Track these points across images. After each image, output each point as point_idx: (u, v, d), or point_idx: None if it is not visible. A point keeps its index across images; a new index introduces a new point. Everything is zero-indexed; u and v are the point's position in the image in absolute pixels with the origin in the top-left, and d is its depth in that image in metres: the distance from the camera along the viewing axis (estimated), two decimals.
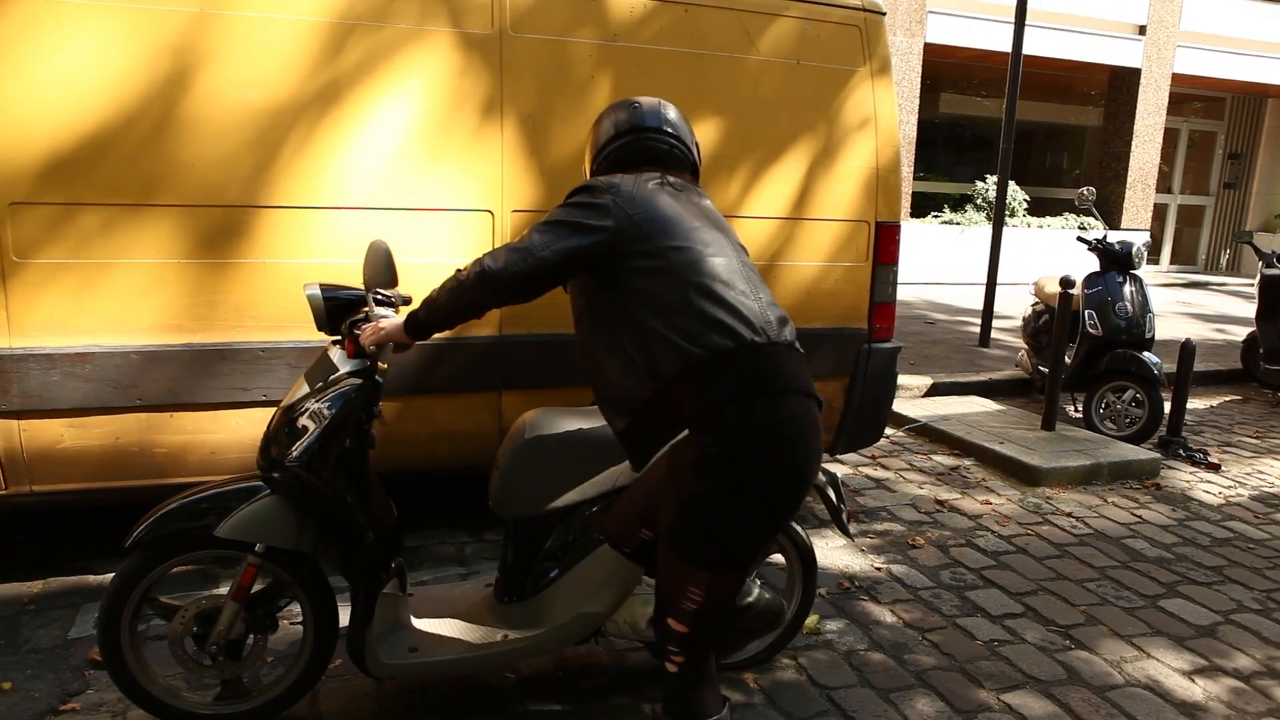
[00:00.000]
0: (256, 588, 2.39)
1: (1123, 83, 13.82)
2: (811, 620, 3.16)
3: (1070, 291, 5.32)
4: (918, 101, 12.08)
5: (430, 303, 2.03)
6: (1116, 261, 5.84)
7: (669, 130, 2.15)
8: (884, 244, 3.87)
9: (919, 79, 11.99)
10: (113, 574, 3.32)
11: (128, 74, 2.88)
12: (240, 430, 3.15)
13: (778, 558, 3.48)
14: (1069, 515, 4.36)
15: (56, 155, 2.85)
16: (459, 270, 2.00)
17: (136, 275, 2.97)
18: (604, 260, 1.94)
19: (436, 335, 2.23)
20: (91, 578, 3.31)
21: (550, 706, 2.64)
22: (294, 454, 2.23)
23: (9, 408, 2.90)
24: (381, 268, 2.20)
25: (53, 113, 2.83)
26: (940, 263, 12.51)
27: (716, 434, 1.83)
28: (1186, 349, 5.51)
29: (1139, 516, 4.39)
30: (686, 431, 1.88)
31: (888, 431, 5.67)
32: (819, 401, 1.97)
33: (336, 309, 2.34)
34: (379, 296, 2.36)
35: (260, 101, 3.01)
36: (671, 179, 2.09)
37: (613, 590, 2.49)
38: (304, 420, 2.25)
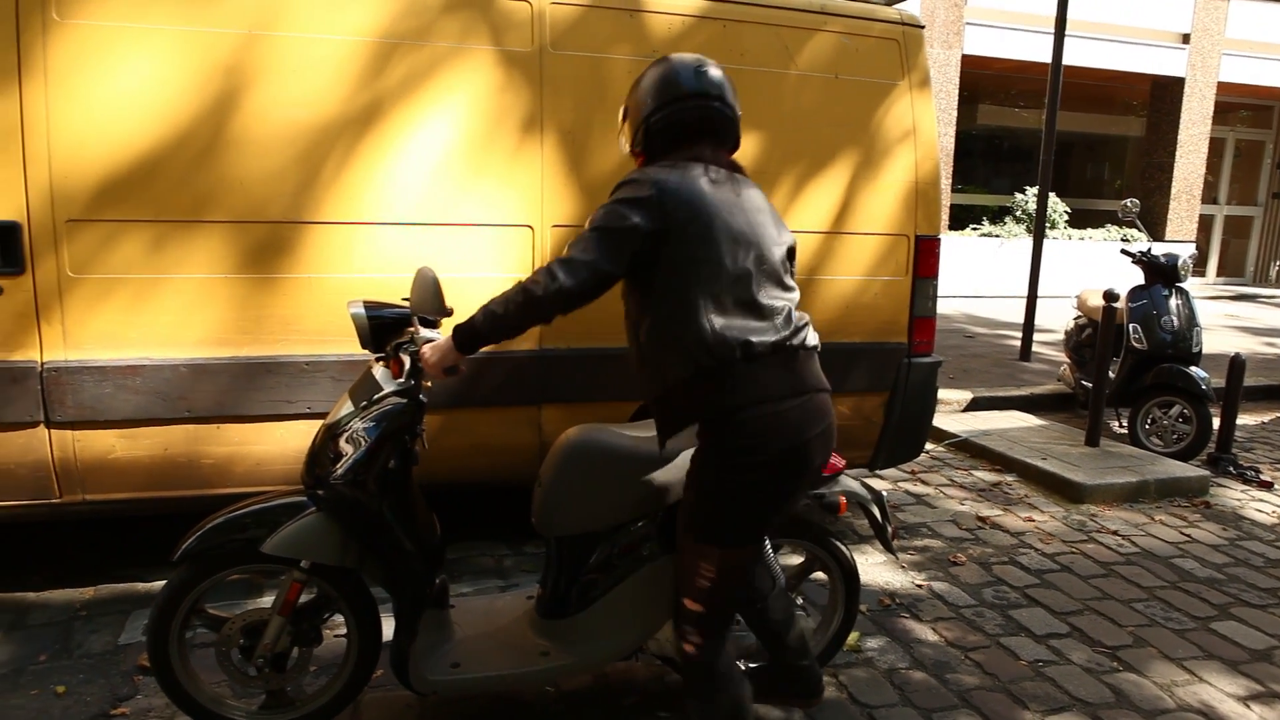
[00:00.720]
0: (302, 601, 2.42)
1: (1166, 92, 13.61)
2: (852, 638, 3.13)
3: (1114, 305, 5.24)
4: (955, 113, 12.00)
5: (494, 316, 1.98)
6: (1162, 274, 5.74)
7: (715, 94, 2.05)
8: (924, 257, 3.84)
9: (956, 91, 11.91)
10: (161, 582, 3.40)
11: (179, 95, 2.95)
12: (284, 442, 3.20)
13: (818, 573, 3.45)
14: (1115, 533, 4.27)
15: (111, 174, 2.93)
16: (525, 284, 1.94)
17: (186, 290, 3.03)
18: (648, 257, 1.96)
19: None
20: (140, 585, 3.38)
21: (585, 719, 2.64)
22: (339, 472, 2.26)
23: (64, 418, 2.98)
24: (430, 295, 2.18)
25: (108, 133, 2.91)
26: (979, 275, 12.38)
27: (720, 435, 1.94)
28: (1236, 363, 5.39)
29: (1188, 535, 4.30)
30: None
31: (928, 446, 5.60)
32: (828, 390, 2.05)
33: (381, 328, 2.35)
34: (423, 318, 2.38)
35: (306, 120, 3.07)
36: (713, 173, 2.01)
37: (656, 609, 2.48)
38: (349, 438, 2.27)
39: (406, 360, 2.27)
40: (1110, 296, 5.23)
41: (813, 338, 2.06)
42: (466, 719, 2.62)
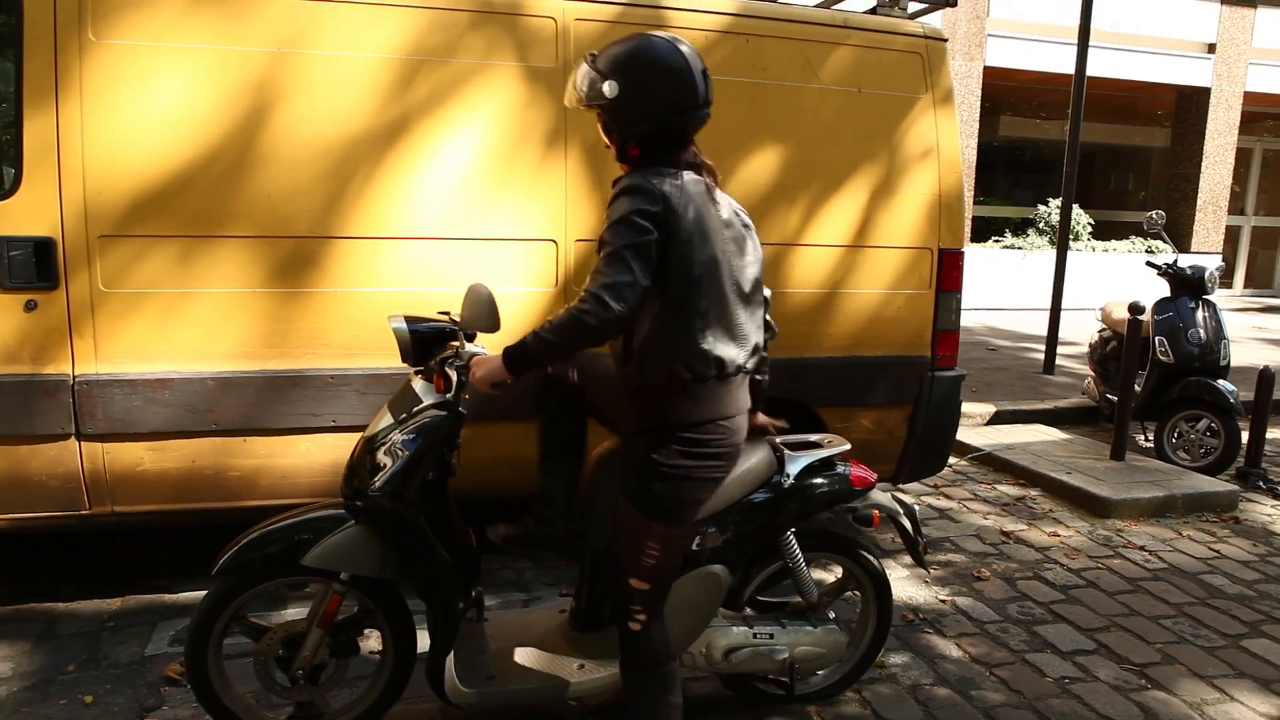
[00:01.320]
0: (340, 617, 2.44)
1: (1191, 102, 13.50)
2: None
3: (1140, 318, 5.19)
4: (977, 125, 11.96)
5: (547, 344, 2.03)
6: (1188, 286, 5.68)
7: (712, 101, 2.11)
8: (947, 271, 3.83)
9: (979, 102, 11.86)
10: (188, 593, 3.43)
11: (209, 113, 3.00)
12: (310, 455, 3.23)
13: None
14: (1141, 549, 4.22)
15: (142, 191, 2.98)
16: (577, 314, 1.98)
17: (214, 304, 3.07)
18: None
19: None
20: (168, 596, 3.41)
21: None
22: (377, 484, 2.27)
23: (94, 431, 3.02)
24: (484, 311, 2.21)
25: (140, 151, 2.96)
26: (1001, 288, 12.29)
27: (686, 436, 2.12)
28: (1265, 376, 5.32)
29: (1217, 551, 4.24)
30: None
31: (951, 461, 5.56)
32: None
33: (421, 342, 2.37)
34: (463, 329, 2.39)
35: (333, 136, 3.11)
36: (704, 181, 2.12)
37: (689, 622, 2.49)
38: (388, 451, 2.29)
39: (453, 375, 2.29)
40: (1136, 309, 5.19)
41: (756, 361, 2.27)
42: None
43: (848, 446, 2.69)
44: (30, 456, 3.01)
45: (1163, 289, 5.98)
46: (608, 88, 2.04)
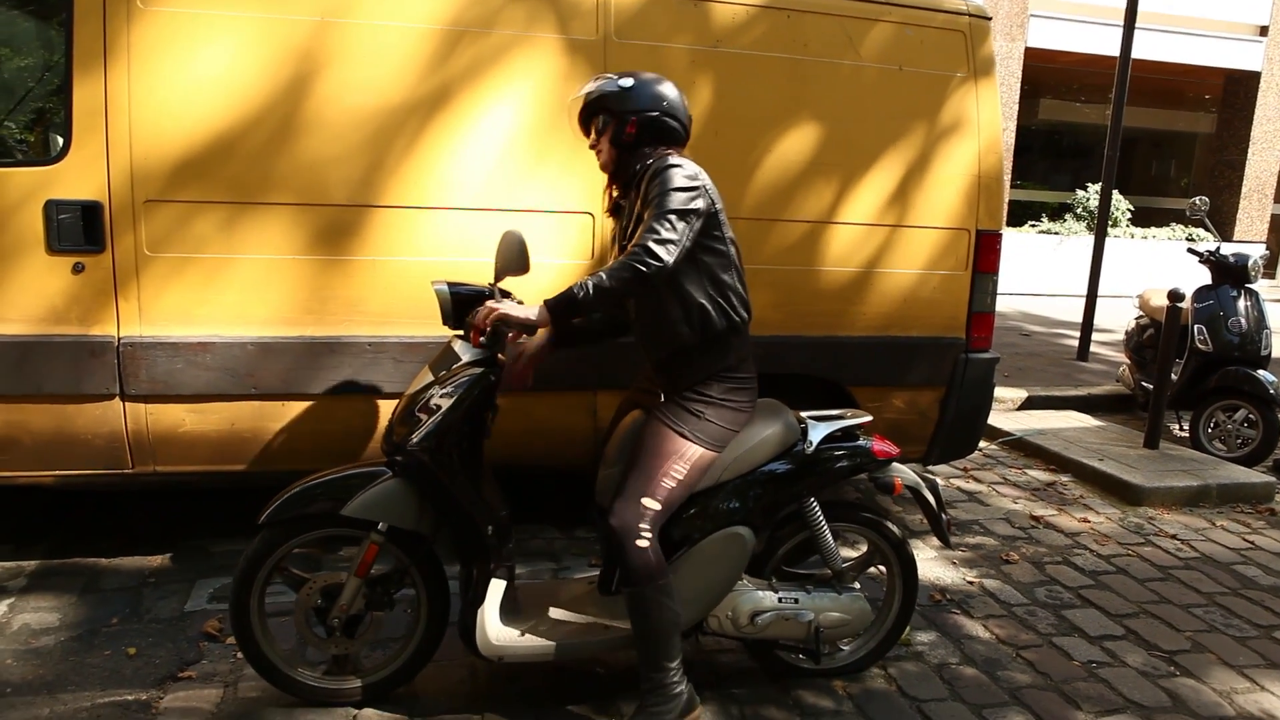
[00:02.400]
0: (377, 570, 2.51)
1: (1240, 87, 13.19)
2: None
3: (1179, 305, 5.12)
4: (1016, 107, 11.77)
5: (599, 289, 2.24)
6: (1230, 275, 5.59)
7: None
8: (984, 252, 3.80)
9: (1019, 84, 11.67)
10: (225, 552, 3.51)
11: (254, 80, 3.04)
12: (347, 421, 3.28)
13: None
14: (1173, 537, 4.19)
15: (187, 156, 3.02)
16: (630, 263, 2.22)
17: (255, 270, 3.12)
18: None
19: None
20: (206, 555, 3.49)
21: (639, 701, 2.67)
22: (415, 439, 2.35)
23: (138, 392, 3.09)
24: (515, 254, 2.34)
25: (185, 117, 3.00)
26: (1036, 273, 12.14)
27: (723, 379, 2.47)
28: None
29: (1251, 543, 4.19)
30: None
31: (981, 444, 5.53)
32: None
33: (462, 304, 2.47)
34: (502, 290, 2.49)
35: (374, 105, 3.13)
36: None
37: (715, 583, 2.54)
38: (426, 407, 2.37)
39: (488, 327, 2.35)
40: (1175, 296, 5.11)
41: None
42: (516, 695, 2.67)
43: (870, 419, 2.74)
44: (77, 415, 3.09)
45: (1203, 277, 5.86)
46: (623, 81, 2.42)
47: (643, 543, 2.34)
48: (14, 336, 2.98)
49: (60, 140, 3.07)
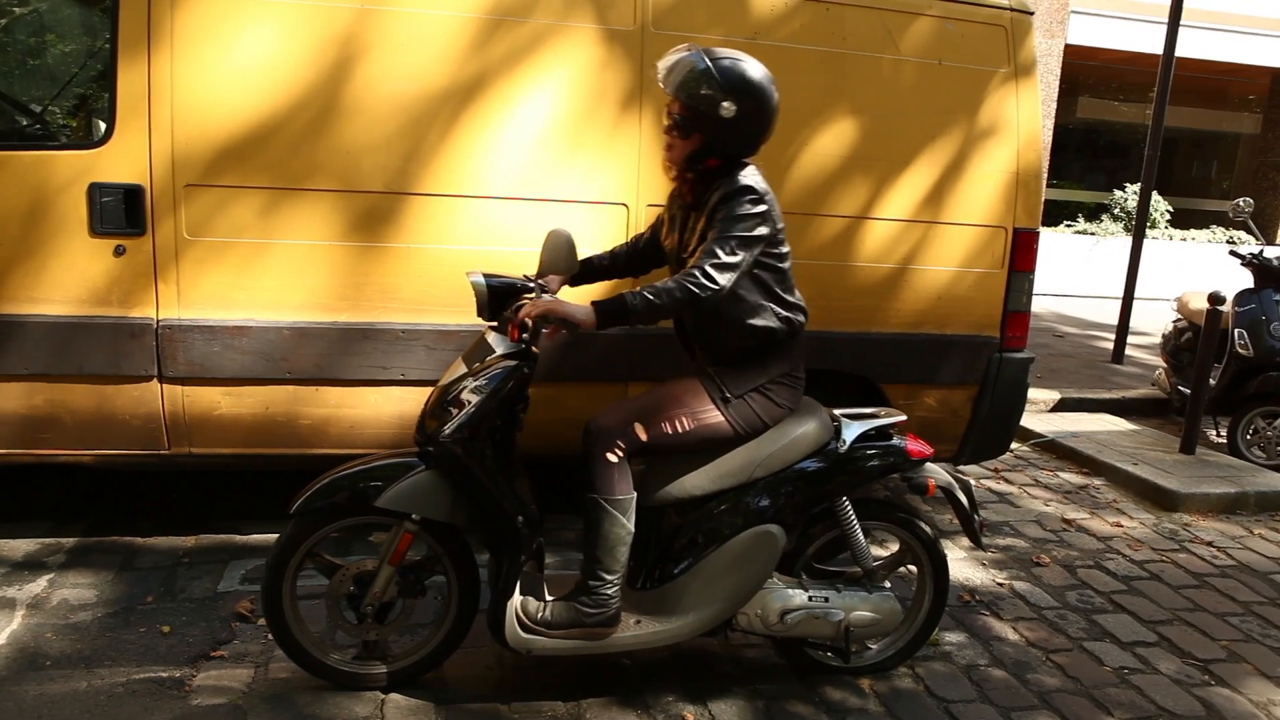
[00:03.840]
0: (410, 558, 2.53)
1: None
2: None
3: (1220, 308, 5.02)
4: (1054, 105, 11.60)
5: (651, 304, 2.28)
6: (1273, 278, 5.48)
7: None
8: (1021, 251, 3.75)
9: (1057, 82, 11.51)
10: (257, 535, 3.55)
11: (293, 67, 3.06)
12: (378, 407, 3.31)
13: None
14: (1209, 544, 4.12)
15: (227, 141, 3.05)
16: (685, 283, 2.28)
17: (291, 255, 3.15)
18: None
19: None
20: (238, 537, 3.54)
21: (665, 694, 2.67)
22: (448, 430, 2.35)
23: (176, 374, 3.13)
24: (563, 254, 2.35)
25: (226, 102, 3.03)
26: (1071, 274, 11.97)
27: (778, 382, 2.54)
28: None
29: None
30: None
31: (1012, 445, 5.47)
32: None
33: (497, 295, 2.46)
34: (540, 284, 2.49)
35: (412, 93, 3.14)
36: None
37: (745, 580, 2.53)
38: (460, 398, 2.37)
39: (529, 322, 2.35)
40: (1216, 299, 5.02)
41: None
42: (544, 684, 2.68)
43: (904, 418, 2.71)
44: (115, 396, 3.13)
45: (1245, 280, 5.75)
46: (725, 107, 2.28)
47: (613, 457, 2.41)
48: (57, 317, 3.04)
49: (103, 125, 3.12)
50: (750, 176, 2.37)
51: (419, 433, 2.45)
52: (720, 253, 2.28)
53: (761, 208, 2.34)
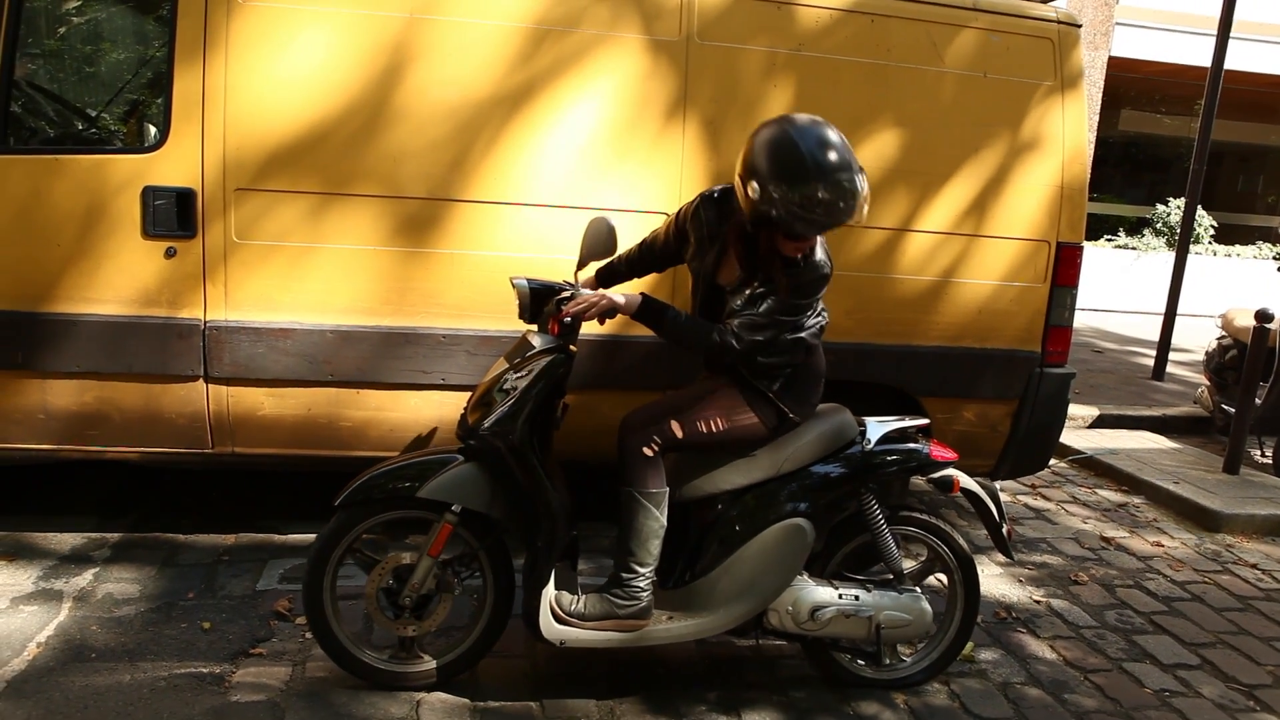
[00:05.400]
0: (448, 553, 2.57)
1: None
2: (967, 647, 3.06)
3: (1268, 326, 4.93)
4: (1097, 118, 11.46)
5: (677, 326, 2.44)
6: None
7: None
8: (1064, 265, 3.70)
9: (1100, 94, 11.37)
10: (296, 535, 3.60)
11: (343, 74, 3.11)
12: (418, 410, 3.34)
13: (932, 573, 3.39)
14: (1254, 567, 4.04)
15: (277, 147, 3.11)
16: (711, 330, 2.42)
17: (337, 259, 3.19)
18: None
19: (610, 333, 2.67)
20: (277, 537, 3.59)
21: (698, 700, 2.67)
22: (488, 423, 2.41)
23: (221, 375, 3.19)
24: (603, 239, 2.43)
25: (277, 108, 3.08)
26: (1111, 289, 11.80)
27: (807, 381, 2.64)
28: None
29: None
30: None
31: (1050, 462, 5.40)
32: None
33: (538, 297, 2.54)
34: (579, 287, 2.55)
35: (457, 101, 3.18)
36: None
37: (775, 575, 2.56)
38: (500, 391, 2.43)
39: (569, 318, 2.43)
40: (1264, 316, 4.93)
41: None
42: (578, 685, 2.69)
43: (927, 422, 2.77)
44: (162, 394, 3.20)
45: None
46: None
47: (648, 451, 2.47)
48: (108, 317, 3.11)
49: (156, 130, 3.19)
50: (821, 251, 2.44)
51: (460, 427, 2.52)
52: (762, 323, 2.40)
53: (820, 289, 2.47)
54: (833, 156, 2.21)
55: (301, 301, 3.20)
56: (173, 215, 3.07)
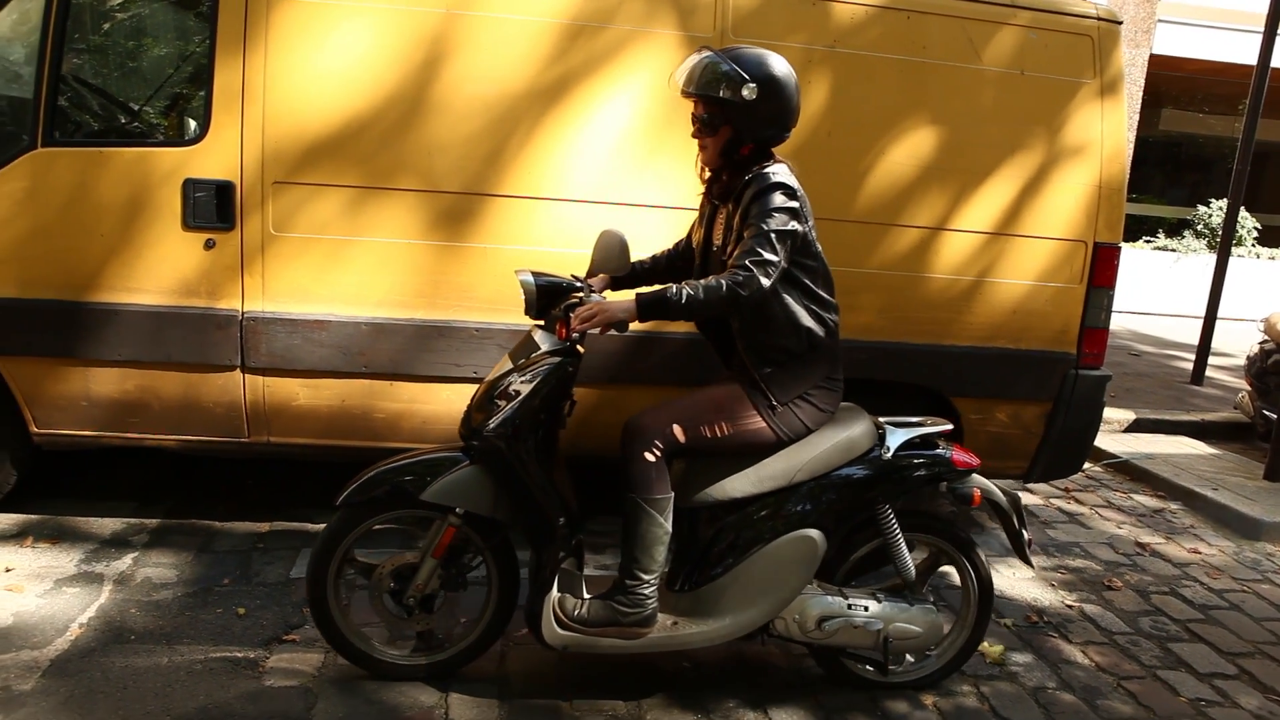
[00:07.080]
0: (452, 551, 2.56)
1: None
2: (996, 650, 3.03)
3: None
4: (1137, 117, 11.27)
5: (693, 299, 2.32)
6: None
7: None
8: (1101, 266, 3.65)
9: (1141, 93, 11.18)
10: (328, 522, 3.63)
11: (380, 69, 3.14)
12: (450, 403, 3.37)
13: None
14: None
15: (315, 140, 3.15)
16: (729, 281, 2.31)
17: (372, 252, 3.23)
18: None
19: (637, 329, 2.53)
20: (311, 525, 3.64)
21: (726, 699, 2.67)
22: (492, 425, 2.39)
23: (258, 365, 3.24)
24: (615, 253, 2.38)
25: (315, 102, 3.13)
26: (1149, 291, 11.60)
27: (819, 388, 2.56)
28: None
29: None
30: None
31: (1084, 465, 5.33)
32: None
33: (545, 294, 2.49)
34: (587, 284, 2.51)
35: (493, 96, 3.20)
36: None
37: (783, 585, 2.53)
38: (505, 393, 2.40)
39: (577, 333, 2.38)
40: None
41: None
42: (602, 679, 2.71)
43: (949, 427, 2.67)
44: (201, 384, 3.25)
45: None
46: (748, 90, 2.32)
47: (650, 456, 2.41)
48: (149, 306, 3.17)
49: (196, 123, 3.24)
50: (782, 174, 2.40)
51: (464, 426, 2.50)
52: (761, 250, 2.31)
53: (794, 204, 2.36)
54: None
55: (337, 294, 3.24)
56: (212, 207, 3.12)
